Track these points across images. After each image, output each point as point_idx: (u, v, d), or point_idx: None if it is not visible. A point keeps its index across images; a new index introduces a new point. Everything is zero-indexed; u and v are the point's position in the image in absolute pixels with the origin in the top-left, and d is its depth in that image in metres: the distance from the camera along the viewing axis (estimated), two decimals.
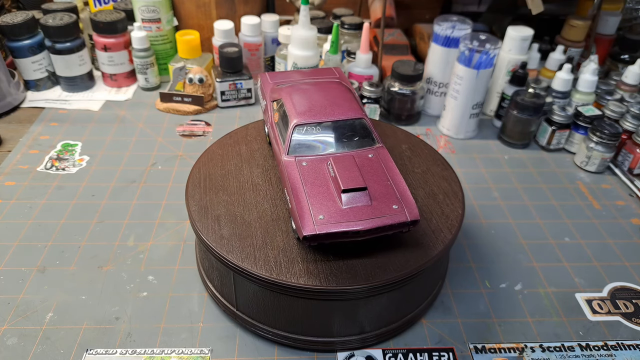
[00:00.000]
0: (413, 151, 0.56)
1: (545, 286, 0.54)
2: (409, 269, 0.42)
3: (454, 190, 0.51)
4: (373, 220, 0.40)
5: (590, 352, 0.47)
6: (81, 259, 0.54)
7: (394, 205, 0.40)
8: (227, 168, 0.52)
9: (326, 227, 0.39)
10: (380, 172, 0.43)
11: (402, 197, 0.41)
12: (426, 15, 1.07)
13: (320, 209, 0.40)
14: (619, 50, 0.91)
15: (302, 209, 0.40)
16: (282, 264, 0.42)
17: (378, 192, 0.41)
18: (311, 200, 0.41)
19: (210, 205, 0.47)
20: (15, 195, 0.62)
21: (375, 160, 0.44)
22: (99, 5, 0.89)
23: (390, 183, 0.42)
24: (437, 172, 0.53)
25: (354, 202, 0.41)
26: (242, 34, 0.86)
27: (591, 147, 0.71)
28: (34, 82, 0.83)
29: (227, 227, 0.45)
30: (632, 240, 0.61)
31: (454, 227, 0.46)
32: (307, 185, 0.42)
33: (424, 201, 0.49)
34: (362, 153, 0.45)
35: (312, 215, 0.40)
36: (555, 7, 0.98)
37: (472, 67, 0.71)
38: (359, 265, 0.42)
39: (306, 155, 0.45)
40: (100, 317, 0.48)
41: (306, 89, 0.50)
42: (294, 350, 0.46)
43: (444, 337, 0.48)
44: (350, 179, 0.41)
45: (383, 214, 0.40)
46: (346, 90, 0.50)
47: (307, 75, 0.56)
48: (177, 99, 0.80)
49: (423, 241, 0.44)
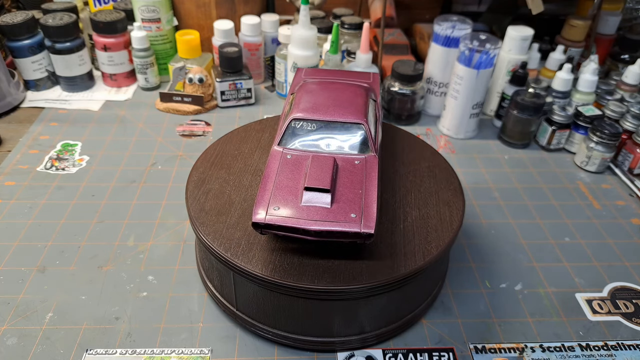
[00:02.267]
0: (431, 170, 0.53)
1: (546, 286, 0.54)
2: (409, 269, 0.42)
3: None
4: (325, 223, 0.39)
5: (590, 352, 0.47)
6: (81, 259, 0.54)
7: (352, 214, 0.39)
8: (241, 150, 0.55)
9: (275, 219, 0.39)
10: (358, 180, 0.42)
11: (364, 208, 0.40)
12: (426, 15, 1.07)
13: (279, 201, 0.40)
14: (619, 50, 0.91)
15: (263, 197, 0.41)
16: (242, 246, 0.43)
17: (344, 198, 0.41)
18: (276, 191, 0.41)
19: (208, 179, 0.50)
20: (15, 195, 0.62)
21: (359, 168, 0.43)
22: (99, 5, 0.89)
23: (361, 192, 0.41)
24: (444, 195, 0.51)
25: (313, 201, 0.40)
26: (242, 34, 0.86)
27: (591, 147, 0.71)
28: (34, 82, 0.83)
29: (211, 202, 0.47)
30: (632, 240, 0.61)
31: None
32: (279, 176, 0.42)
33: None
34: (349, 158, 0.44)
35: (268, 205, 0.40)
36: (555, 7, 0.98)
37: (472, 67, 0.71)
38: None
39: (294, 149, 0.45)
40: (100, 317, 0.48)
41: (324, 88, 0.50)
42: (294, 350, 0.46)
43: (444, 337, 0.48)
44: (317, 179, 0.41)
45: (337, 220, 0.39)
46: (363, 96, 0.49)
47: (340, 75, 0.55)
48: (177, 98, 0.80)
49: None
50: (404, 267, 0.42)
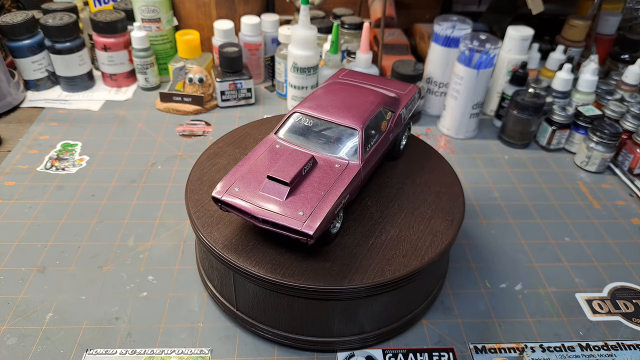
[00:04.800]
0: (438, 196, 0.50)
1: (546, 286, 0.54)
2: (409, 269, 0.42)
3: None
4: (271, 214, 0.40)
5: (590, 352, 0.47)
6: (81, 259, 0.54)
7: (300, 212, 0.40)
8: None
9: (230, 199, 0.41)
10: (327, 182, 0.42)
11: (316, 209, 0.40)
12: (426, 15, 1.07)
13: (243, 184, 0.42)
14: (619, 50, 0.91)
15: (233, 175, 0.43)
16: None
17: (301, 195, 0.41)
18: (247, 173, 0.43)
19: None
20: (15, 195, 0.62)
21: (335, 171, 0.43)
22: (99, 5, 0.89)
23: (323, 194, 0.41)
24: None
25: (269, 191, 0.41)
26: (242, 34, 0.85)
27: (591, 147, 0.70)
28: (34, 82, 0.83)
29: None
30: (632, 240, 0.61)
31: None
32: (258, 161, 0.44)
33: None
34: (331, 160, 0.44)
35: (232, 184, 0.42)
36: (555, 7, 0.98)
37: (472, 67, 0.71)
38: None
39: (285, 140, 0.46)
40: (100, 317, 0.48)
41: (342, 89, 0.50)
42: (294, 350, 0.46)
43: (444, 337, 0.48)
44: (282, 171, 0.42)
45: (284, 214, 0.40)
46: (374, 104, 0.48)
47: (375, 81, 0.55)
48: (177, 98, 0.80)
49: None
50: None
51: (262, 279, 0.41)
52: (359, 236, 0.45)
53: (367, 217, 0.47)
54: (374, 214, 0.47)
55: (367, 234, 0.45)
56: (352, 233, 0.45)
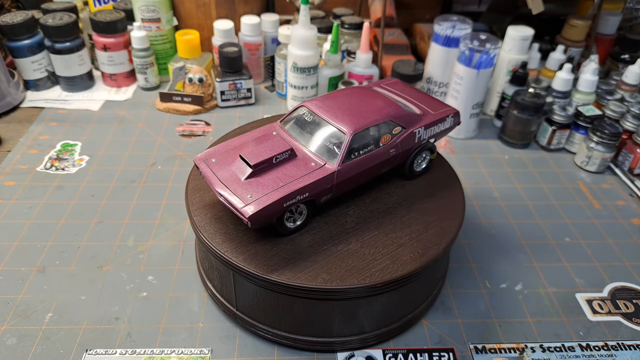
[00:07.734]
0: (430, 227, 0.47)
1: (546, 286, 0.54)
2: (409, 269, 0.42)
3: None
4: (225, 189, 0.42)
5: (590, 352, 0.47)
6: (81, 259, 0.54)
7: (249, 194, 0.41)
8: None
9: (202, 167, 0.45)
10: (293, 175, 0.43)
11: (265, 196, 0.41)
12: (426, 15, 1.07)
13: (222, 157, 0.45)
14: (619, 50, 0.91)
15: (219, 147, 0.46)
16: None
17: (261, 181, 0.42)
18: (231, 149, 0.46)
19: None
20: (15, 195, 0.62)
21: (308, 168, 0.43)
22: (99, 5, 0.89)
23: (281, 185, 0.42)
24: None
25: (236, 169, 0.43)
26: (242, 34, 0.85)
27: (591, 147, 0.70)
28: (34, 82, 0.83)
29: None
30: (632, 240, 0.61)
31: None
32: (247, 141, 0.47)
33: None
34: (309, 157, 0.44)
35: (212, 154, 0.45)
36: (555, 7, 0.98)
37: (472, 67, 0.71)
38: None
39: (284, 129, 0.48)
40: (99, 317, 0.48)
41: (360, 94, 0.50)
42: (294, 350, 0.46)
43: (444, 337, 0.48)
44: (252, 154, 0.43)
45: (234, 192, 0.41)
46: (383, 115, 0.47)
47: (412, 94, 0.54)
48: (177, 98, 0.80)
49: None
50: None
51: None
52: (317, 238, 0.44)
53: (339, 224, 0.46)
54: (347, 223, 0.46)
55: (326, 239, 0.44)
56: (313, 233, 0.45)
